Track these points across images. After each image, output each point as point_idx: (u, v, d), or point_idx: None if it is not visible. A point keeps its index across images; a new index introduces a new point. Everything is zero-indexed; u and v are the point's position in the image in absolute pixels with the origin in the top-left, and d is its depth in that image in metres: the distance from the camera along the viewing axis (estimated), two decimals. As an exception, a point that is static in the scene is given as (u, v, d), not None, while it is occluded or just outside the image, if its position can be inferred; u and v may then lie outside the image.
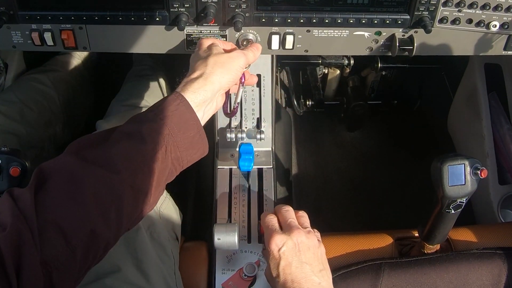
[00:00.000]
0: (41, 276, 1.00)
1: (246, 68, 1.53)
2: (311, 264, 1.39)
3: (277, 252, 1.39)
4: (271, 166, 2.07)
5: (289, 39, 1.66)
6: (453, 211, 1.61)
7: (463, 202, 1.59)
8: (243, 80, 1.56)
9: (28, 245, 1.00)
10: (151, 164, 1.24)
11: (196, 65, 1.42)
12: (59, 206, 1.09)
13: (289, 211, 1.52)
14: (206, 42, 1.52)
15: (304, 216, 1.54)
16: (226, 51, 1.48)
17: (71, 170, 1.15)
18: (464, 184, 1.55)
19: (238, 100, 1.61)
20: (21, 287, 0.97)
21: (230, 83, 1.44)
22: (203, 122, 1.38)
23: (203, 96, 1.36)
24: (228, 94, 1.63)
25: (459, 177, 1.55)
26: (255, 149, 2.04)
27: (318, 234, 1.50)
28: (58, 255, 1.04)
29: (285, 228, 1.45)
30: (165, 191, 1.89)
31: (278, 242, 1.40)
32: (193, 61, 1.46)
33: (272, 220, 1.50)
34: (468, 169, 1.55)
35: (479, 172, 1.54)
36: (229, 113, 1.71)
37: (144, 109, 2.08)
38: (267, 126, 2.07)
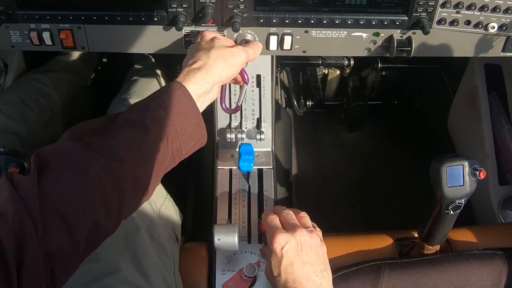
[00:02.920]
0: (43, 270, 0.99)
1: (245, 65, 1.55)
2: (313, 264, 1.39)
3: (280, 251, 1.39)
4: (271, 167, 2.07)
5: (287, 39, 1.66)
6: (452, 212, 1.60)
7: (462, 203, 1.59)
8: (246, 79, 1.57)
9: (30, 238, 0.97)
10: (153, 154, 1.23)
11: (198, 54, 1.42)
12: (63, 195, 1.06)
13: (290, 213, 1.52)
14: (209, 34, 1.53)
15: (305, 217, 1.53)
16: (228, 46, 1.49)
17: (74, 156, 1.13)
18: (463, 185, 1.55)
19: (242, 99, 1.64)
20: (21, 283, 0.95)
21: (229, 77, 1.45)
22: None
23: (204, 88, 1.37)
24: (224, 90, 1.64)
25: (458, 178, 1.55)
26: (255, 149, 2.04)
27: (320, 233, 1.49)
28: (61, 247, 1.03)
29: (288, 227, 1.45)
30: (165, 192, 1.89)
31: (281, 241, 1.39)
32: (194, 50, 1.46)
33: (274, 219, 1.49)
34: (466, 170, 1.55)
35: (477, 173, 1.54)
36: (231, 110, 1.73)
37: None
38: (267, 127, 2.07)
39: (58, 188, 1.07)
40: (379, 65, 2.83)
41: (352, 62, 2.81)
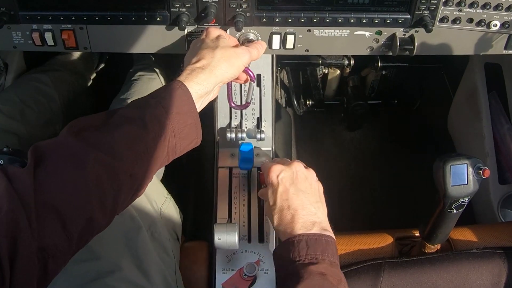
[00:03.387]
0: (36, 264, 0.98)
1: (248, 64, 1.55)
2: (308, 193, 1.46)
3: (276, 179, 1.47)
4: (271, 166, 2.07)
5: (290, 38, 1.66)
6: (455, 211, 1.61)
7: (465, 202, 1.59)
8: (252, 77, 1.59)
9: (24, 232, 0.96)
10: (151, 152, 1.23)
11: (202, 52, 1.42)
12: (60, 190, 1.05)
13: (287, 159, 1.63)
14: (214, 32, 1.52)
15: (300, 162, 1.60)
16: (232, 46, 1.49)
17: (73, 151, 1.11)
18: (467, 184, 1.56)
19: (251, 96, 1.66)
20: (14, 277, 0.94)
21: (231, 78, 1.45)
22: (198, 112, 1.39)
23: (206, 89, 1.37)
24: (231, 88, 1.64)
25: (462, 177, 1.55)
26: (255, 148, 2.04)
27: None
28: (55, 242, 1.02)
29: (284, 164, 1.53)
30: (165, 191, 1.89)
31: (277, 170, 1.48)
32: (198, 47, 1.46)
33: (270, 162, 1.59)
34: (470, 169, 1.56)
35: (481, 172, 1.55)
36: (241, 106, 1.79)
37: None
38: (267, 126, 2.06)
39: (54, 182, 1.06)
40: (379, 64, 2.83)
41: (352, 62, 2.81)
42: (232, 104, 1.70)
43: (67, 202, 1.05)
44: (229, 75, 1.42)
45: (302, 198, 1.44)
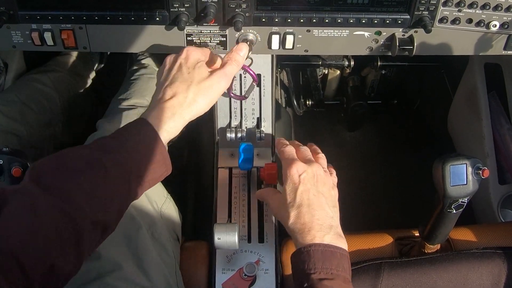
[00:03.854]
0: None
1: (249, 65, 1.56)
2: (326, 197, 1.46)
3: (297, 177, 1.46)
4: (271, 166, 2.06)
5: (289, 39, 1.66)
6: (454, 211, 1.61)
7: (465, 202, 1.59)
8: (255, 80, 1.64)
9: None
10: (114, 197, 1.21)
11: (176, 85, 1.39)
12: (18, 237, 1.04)
13: (307, 150, 1.61)
14: (193, 57, 1.47)
15: (323, 159, 1.62)
16: (208, 76, 1.43)
17: (31, 198, 1.10)
18: (466, 184, 1.56)
19: (250, 92, 1.74)
20: None
21: (207, 109, 1.43)
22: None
23: (176, 132, 1.36)
24: (232, 81, 1.65)
25: (461, 177, 1.55)
26: (255, 148, 2.04)
27: (336, 179, 1.60)
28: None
29: (304, 161, 1.52)
30: (165, 192, 1.89)
31: (299, 169, 1.47)
32: (172, 76, 1.42)
33: (292, 150, 1.58)
34: (469, 169, 1.56)
35: (480, 172, 1.55)
36: (240, 96, 1.84)
37: (143, 109, 2.08)
38: (267, 126, 2.06)
39: (12, 229, 1.05)
40: (379, 63, 2.83)
41: (352, 63, 2.81)
42: (231, 94, 1.72)
43: (26, 250, 1.04)
44: (205, 108, 1.41)
45: (321, 200, 1.44)
